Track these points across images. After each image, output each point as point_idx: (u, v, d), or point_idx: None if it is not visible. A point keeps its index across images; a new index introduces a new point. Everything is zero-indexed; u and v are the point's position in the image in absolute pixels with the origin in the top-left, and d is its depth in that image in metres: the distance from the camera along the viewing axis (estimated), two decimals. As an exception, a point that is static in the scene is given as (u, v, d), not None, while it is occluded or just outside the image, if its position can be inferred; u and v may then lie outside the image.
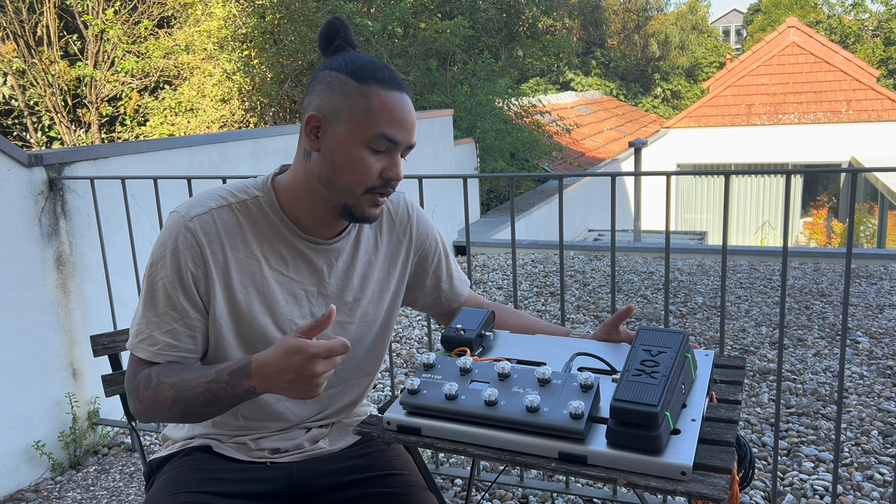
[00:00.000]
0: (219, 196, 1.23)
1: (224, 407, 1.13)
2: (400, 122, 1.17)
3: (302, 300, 1.27)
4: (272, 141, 4.13)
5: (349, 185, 1.18)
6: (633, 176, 5.98)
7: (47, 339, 2.85)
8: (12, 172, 2.72)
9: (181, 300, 1.19)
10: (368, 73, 1.16)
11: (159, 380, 1.15)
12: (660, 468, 0.96)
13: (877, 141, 12.83)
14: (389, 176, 1.18)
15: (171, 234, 1.19)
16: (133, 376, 1.19)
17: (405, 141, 1.19)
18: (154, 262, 1.19)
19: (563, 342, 1.29)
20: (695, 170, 13.37)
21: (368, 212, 1.21)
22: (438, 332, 4.38)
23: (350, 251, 1.31)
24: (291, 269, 1.26)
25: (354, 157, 1.16)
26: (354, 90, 1.15)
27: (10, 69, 7.34)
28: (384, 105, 1.15)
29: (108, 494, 2.71)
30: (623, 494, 2.38)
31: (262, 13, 7.86)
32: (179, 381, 1.14)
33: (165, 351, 1.19)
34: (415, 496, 1.29)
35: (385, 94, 1.16)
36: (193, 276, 1.18)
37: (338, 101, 1.16)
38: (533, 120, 9.97)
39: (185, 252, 1.18)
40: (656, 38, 22.48)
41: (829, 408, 3.15)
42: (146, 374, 1.17)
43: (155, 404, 1.15)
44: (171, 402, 1.13)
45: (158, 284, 1.18)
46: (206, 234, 1.19)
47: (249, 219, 1.23)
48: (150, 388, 1.15)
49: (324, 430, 1.37)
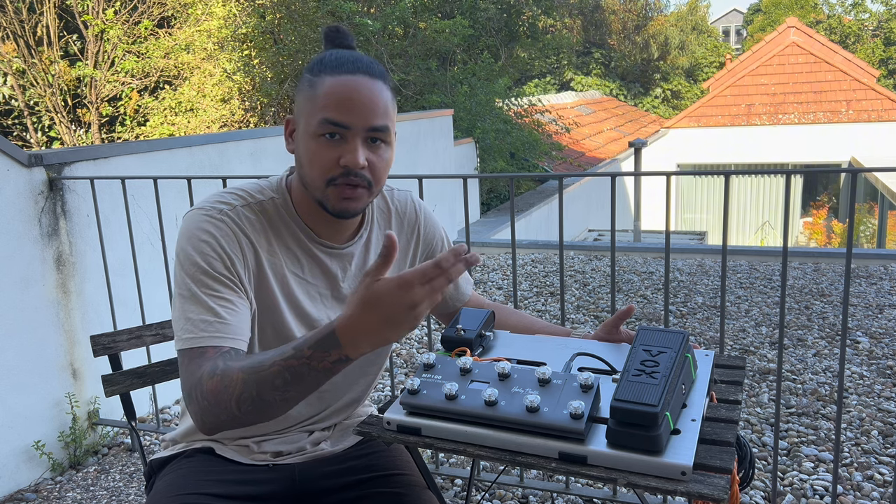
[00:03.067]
0: (238, 195, 1.21)
1: (306, 389, 0.98)
2: (344, 104, 1.11)
3: (317, 302, 1.27)
4: (272, 141, 4.13)
5: (312, 179, 1.16)
6: (633, 176, 5.98)
7: (47, 339, 2.85)
8: (12, 172, 2.72)
9: (224, 284, 1.13)
10: (322, 64, 1.14)
11: (227, 366, 1.02)
12: (660, 468, 0.96)
13: (877, 141, 12.83)
14: (344, 162, 1.12)
15: (201, 226, 1.14)
16: (191, 375, 1.05)
17: (354, 123, 1.12)
18: (185, 255, 1.13)
19: (563, 342, 1.29)
20: (695, 170, 13.38)
21: (339, 206, 1.16)
22: (438, 332, 4.38)
23: (361, 254, 1.31)
24: (307, 272, 1.26)
25: (308, 149, 1.14)
26: (307, 84, 1.15)
27: (10, 69, 7.34)
28: (327, 90, 1.12)
29: (108, 494, 2.71)
30: (623, 494, 2.38)
31: (262, 13, 7.86)
32: (250, 365, 1.00)
33: (218, 332, 1.08)
34: (415, 496, 1.29)
35: (331, 79, 1.12)
36: (232, 262, 1.14)
37: (299, 99, 1.17)
38: (533, 120, 9.97)
39: (223, 240, 1.14)
40: (656, 39, 22.48)
41: (829, 408, 3.15)
42: (211, 365, 1.04)
43: (220, 394, 1.00)
44: (241, 387, 0.98)
45: (198, 275, 1.11)
46: (238, 225, 1.17)
47: (267, 219, 1.22)
48: (217, 376, 1.01)
49: (325, 432, 1.38)
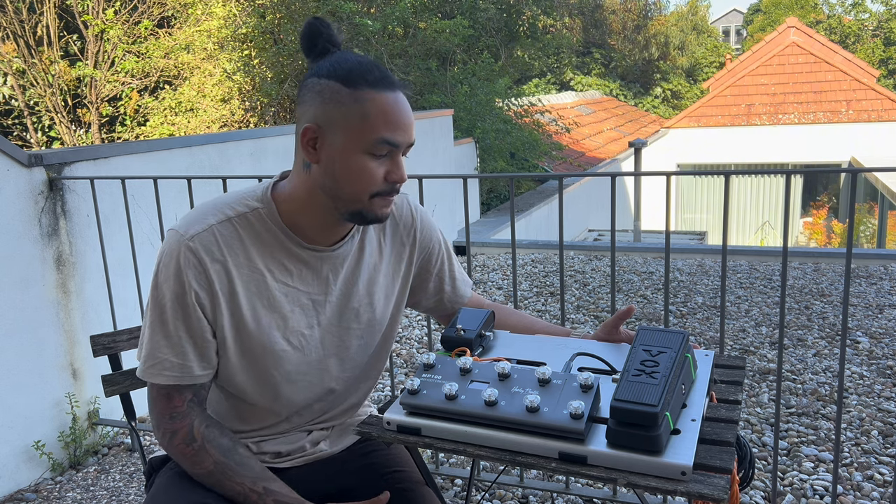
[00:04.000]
0: (218, 210, 1.20)
1: None
2: (397, 124, 1.14)
3: (308, 309, 1.25)
4: (272, 141, 4.13)
5: (355, 193, 1.16)
6: (633, 176, 5.98)
7: (47, 339, 2.85)
8: (12, 172, 2.72)
9: (190, 321, 1.17)
10: (358, 76, 1.13)
11: (203, 446, 1.17)
12: (660, 468, 0.96)
13: (877, 141, 12.83)
14: (394, 179, 1.17)
15: (173, 255, 1.16)
16: (160, 414, 1.19)
17: (405, 141, 1.16)
18: (158, 283, 1.17)
19: (563, 342, 1.29)
20: (695, 170, 13.38)
21: (380, 213, 1.19)
22: (438, 332, 4.38)
23: (354, 256, 1.29)
24: (297, 280, 1.24)
25: (356, 165, 1.14)
26: (347, 97, 1.12)
27: (10, 69, 7.34)
28: (379, 109, 1.12)
29: (108, 494, 2.71)
30: (623, 494, 2.38)
31: (262, 13, 7.86)
32: (224, 466, 1.17)
33: (179, 373, 1.17)
34: (415, 492, 1.31)
35: (379, 96, 1.13)
36: (198, 296, 1.16)
37: (332, 110, 1.13)
38: (533, 120, 9.97)
39: (188, 272, 1.15)
40: (656, 39, 22.48)
41: (829, 408, 3.15)
42: (188, 429, 1.17)
43: (186, 461, 1.18)
44: (207, 474, 1.17)
45: (166, 306, 1.16)
46: (208, 253, 1.16)
47: (250, 232, 1.20)
48: (192, 448, 1.17)
49: (325, 431, 1.38)
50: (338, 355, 1.29)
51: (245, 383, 1.24)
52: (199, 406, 1.20)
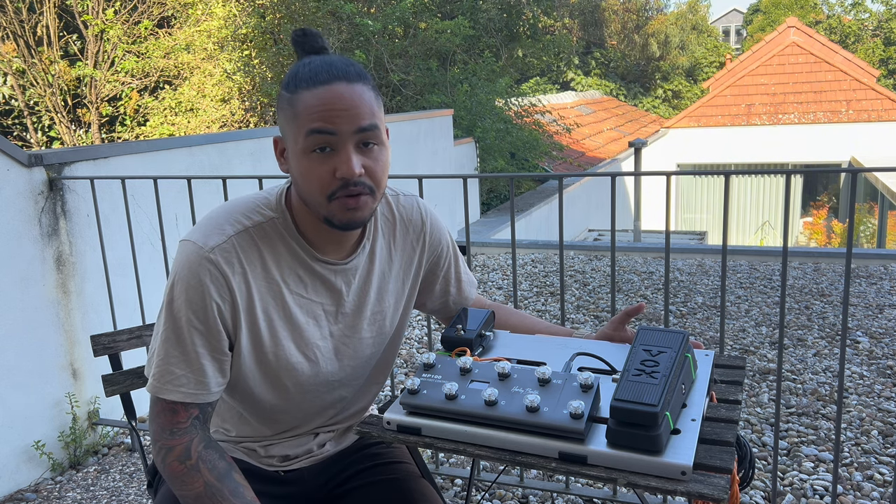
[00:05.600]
0: (234, 220, 1.16)
1: None
2: (327, 112, 1.07)
3: (321, 321, 1.24)
4: (272, 141, 4.12)
5: (312, 196, 1.12)
6: (633, 176, 5.97)
7: (47, 339, 2.85)
8: (12, 172, 2.72)
9: (210, 335, 1.13)
10: (294, 79, 1.10)
11: (197, 465, 1.10)
12: (660, 468, 0.96)
13: (877, 141, 12.83)
14: (340, 174, 1.08)
15: (193, 268, 1.11)
16: (160, 428, 1.13)
17: (342, 128, 1.07)
18: (174, 297, 1.12)
19: (563, 342, 1.29)
20: (695, 170, 13.38)
21: (345, 218, 1.12)
22: (438, 332, 4.38)
23: (366, 266, 1.27)
24: (311, 291, 1.22)
25: (303, 168, 1.10)
26: (286, 103, 1.11)
27: (10, 69, 7.34)
28: (306, 104, 1.08)
29: (108, 494, 2.71)
30: (623, 494, 2.38)
31: (262, 13, 7.86)
32: (216, 490, 1.09)
33: (195, 389, 1.13)
34: (413, 483, 1.33)
35: (308, 93, 1.08)
36: (219, 309, 1.13)
37: (280, 119, 1.13)
38: (533, 120, 9.97)
39: (210, 286, 1.11)
40: (656, 38, 22.48)
41: (829, 408, 3.15)
42: (185, 446, 1.12)
43: (176, 480, 1.11)
44: (194, 496, 1.09)
45: (183, 321, 1.12)
46: (230, 265, 1.13)
47: (267, 242, 1.17)
48: (184, 466, 1.10)
49: (331, 434, 1.39)
50: (351, 364, 1.29)
51: (259, 393, 1.23)
52: (202, 424, 1.16)
